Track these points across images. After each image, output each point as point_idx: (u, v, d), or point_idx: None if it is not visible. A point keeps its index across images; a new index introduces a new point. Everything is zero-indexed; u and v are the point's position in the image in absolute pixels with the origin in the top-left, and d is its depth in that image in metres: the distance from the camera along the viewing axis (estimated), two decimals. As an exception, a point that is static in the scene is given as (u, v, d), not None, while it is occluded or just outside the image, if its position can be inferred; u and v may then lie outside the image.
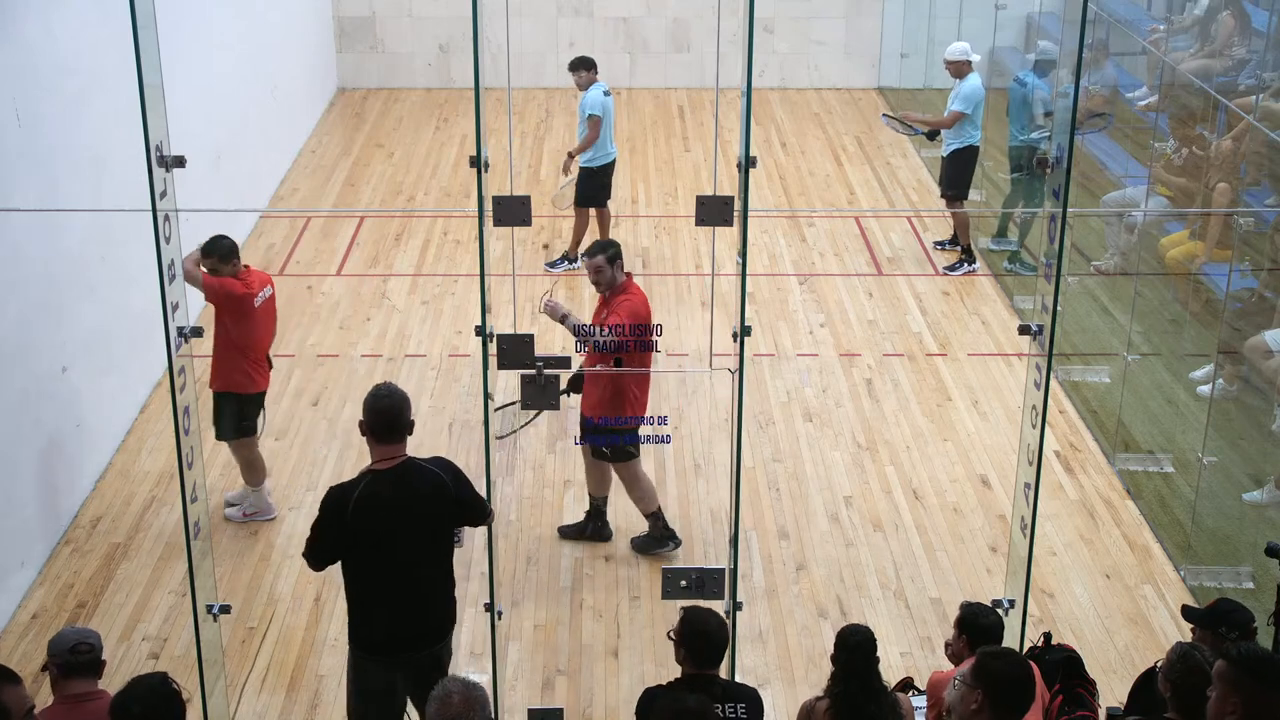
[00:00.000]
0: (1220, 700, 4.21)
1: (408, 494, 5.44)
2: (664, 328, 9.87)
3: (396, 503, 5.42)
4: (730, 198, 5.15)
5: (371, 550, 5.46)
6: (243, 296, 7.88)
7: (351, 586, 5.60)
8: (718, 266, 9.94)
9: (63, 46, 8.29)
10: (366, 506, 5.39)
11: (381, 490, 5.42)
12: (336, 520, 5.43)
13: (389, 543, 5.45)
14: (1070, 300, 10.60)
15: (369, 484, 5.43)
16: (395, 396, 5.51)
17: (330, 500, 5.48)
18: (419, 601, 5.61)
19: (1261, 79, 11.17)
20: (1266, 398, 8.79)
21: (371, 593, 5.57)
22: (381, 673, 5.67)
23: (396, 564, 5.50)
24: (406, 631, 5.62)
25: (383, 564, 5.48)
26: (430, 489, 5.47)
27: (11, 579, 7.53)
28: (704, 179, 13.77)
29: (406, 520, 5.44)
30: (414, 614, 5.63)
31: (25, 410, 7.78)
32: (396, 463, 5.46)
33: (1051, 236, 5.41)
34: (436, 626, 5.74)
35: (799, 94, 16.50)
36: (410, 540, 5.49)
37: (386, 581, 5.53)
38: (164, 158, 5.27)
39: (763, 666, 7.15)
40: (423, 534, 5.52)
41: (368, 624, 5.62)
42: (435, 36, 16.40)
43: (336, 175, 13.85)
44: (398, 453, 5.49)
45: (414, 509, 5.45)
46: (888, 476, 8.78)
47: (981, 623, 5.49)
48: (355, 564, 5.54)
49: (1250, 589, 7.65)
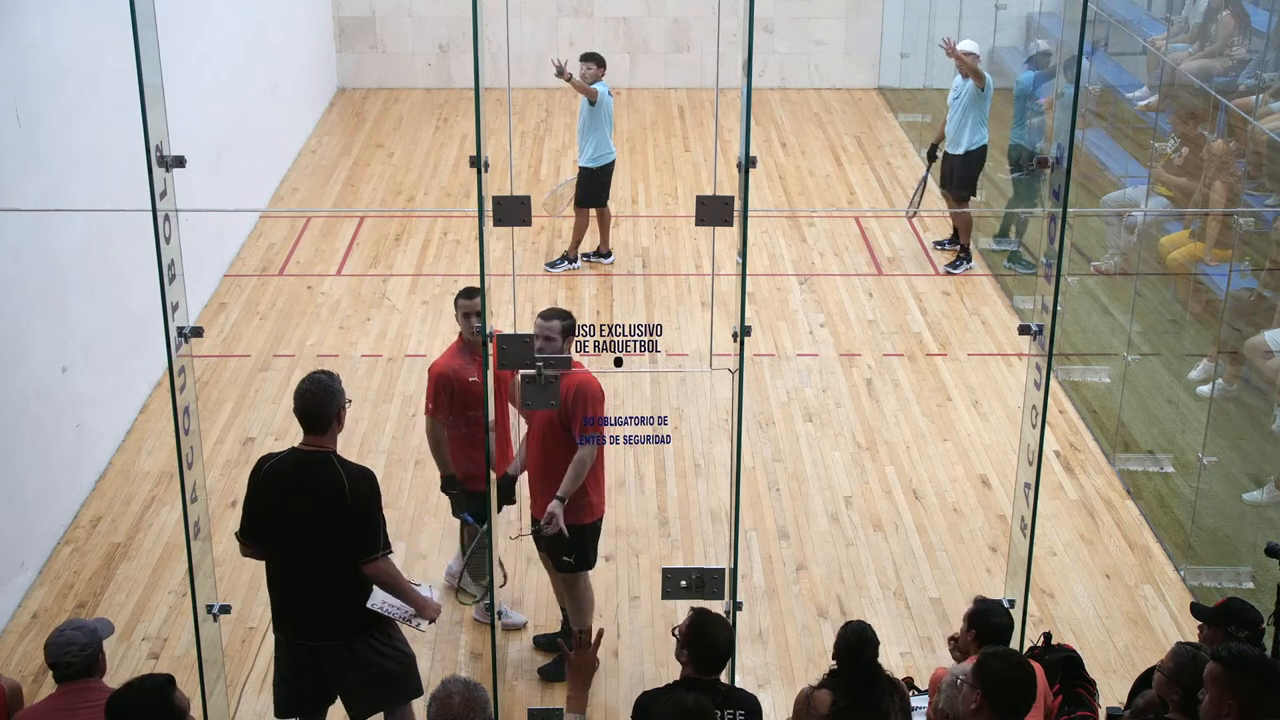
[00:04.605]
0: (1215, 703, 4.20)
1: (307, 481, 5.62)
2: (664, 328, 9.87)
3: (296, 483, 5.64)
4: (730, 198, 5.14)
5: (267, 521, 5.71)
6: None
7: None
8: (718, 266, 9.93)
9: (63, 46, 8.29)
10: (270, 475, 5.68)
11: (289, 467, 5.67)
12: (254, 478, 5.74)
13: (278, 520, 5.68)
14: (1070, 300, 10.60)
15: (282, 459, 5.72)
16: (316, 391, 5.66)
17: (257, 463, 5.81)
18: (299, 588, 5.75)
19: (1261, 79, 11.17)
20: (1266, 398, 8.79)
21: (269, 565, 5.84)
22: (281, 645, 5.92)
23: (280, 544, 5.73)
24: (287, 613, 5.82)
25: (272, 540, 5.74)
26: (325, 485, 5.59)
27: (11, 579, 7.52)
28: (704, 179, 13.77)
29: (294, 505, 5.63)
30: (293, 598, 5.79)
31: (25, 410, 7.78)
32: (313, 450, 5.67)
33: (1051, 236, 5.41)
34: (319, 621, 5.76)
35: (799, 94, 16.50)
36: (294, 526, 5.65)
37: (274, 559, 5.80)
38: (164, 158, 5.27)
39: (763, 666, 7.15)
40: (308, 526, 5.63)
41: (270, 591, 5.90)
42: (435, 36, 16.40)
43: (336, 175, 13.85)
44: (319, 443, 5.68)
45: (305, 498, 5.62)
46: (888, 476, 8.78)
47: (994, 622, 5.47)
48: (261, 531, 5.76)
49: (1250, 589, 7.64)
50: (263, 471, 5.72)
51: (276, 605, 5.85)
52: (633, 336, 6.26)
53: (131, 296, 8.71)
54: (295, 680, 5.91)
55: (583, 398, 6.48)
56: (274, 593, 5.85)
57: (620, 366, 7.43)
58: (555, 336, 6.39)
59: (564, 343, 6.43)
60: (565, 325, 6.47)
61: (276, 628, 5.89)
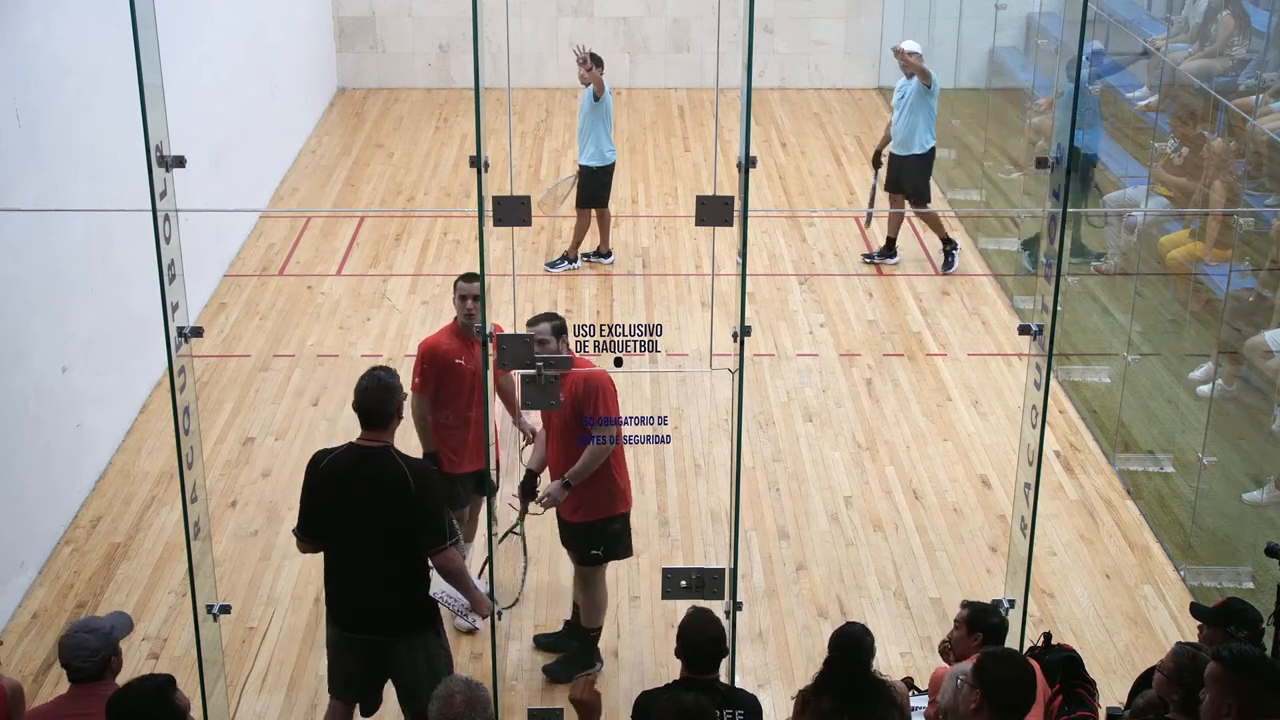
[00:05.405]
0: (1215, 703, 4.20)
1: (369, 475, 5.66)
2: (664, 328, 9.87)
3: (356, 478, 5.67)
4: (730, 198, 5.14)
5: (328, 517, 5.74)
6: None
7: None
8: (718, 266, 9.93)
9: (63, 46, 8.29)
10: (332, 469, 5.71)
11: (349, 462, 5.70)
12: (311, 474, 5.77)
13: (341, 514, 5.70)
14: (1070, 300, 10.60)
15: (343, 453, 5.75)
16: (376, 388, 5.73)
17: (313, 458, 5.83)
18: (358, 582, 5.80)
19: (1261, 79, 11.16)
20: (1266, 398, 8.79)
21: (328, 559, 5.88)
22: (336, 637, 5.97)
23: (345, 538, 5.75)
24: (346, 606, 5.86)
25: (335, 534, 5.77)
26: (391, 480, 5.64)
27: (11, 579, 7.52)
28: (704, 179, 13.77)
29: (359, 499, 5.66)
30: (354, 593, 5.83)
31: (25, 410, 7.78)
32: (374, 445, 5.71)
33: (1051, 236, 5.41)
34: (376, 616, 5.83)
35: (799, 94, 16.50)
36: (359, 520, 5.68)
37: (336, 552, 5.83)
38: (164, 158, 5.27)
39: (763, 666, 7.15)
40: (372, 520, 5.67)
41: (327, 585, 5.93)
42: (435, 36, 16.40)
43: (336, 175, 13.85)
44: (378, 438, 5.73)
45: (369, 492, 5.66)
46: (888, 476, 8.78)
47: (994, 621, 5.50)
48: (320, 526, 5.80)
49: (1250, 589, 7.64)
50: (321, 466, 5.74)
51: (334, 598, 5.90)
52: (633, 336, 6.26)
53: (131, 296, 8.71)
54: (348, 670, 5.99)
55: (592, 393, 6.53)
56: (331, 586, 5.90)
57: (620, 366, 7.44)
58: (548, 338, 6.43)
59: (558, 343, 6.46)
60: (555, 326, 6.52)
61: (331, 619, 5.94)
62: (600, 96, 10.98)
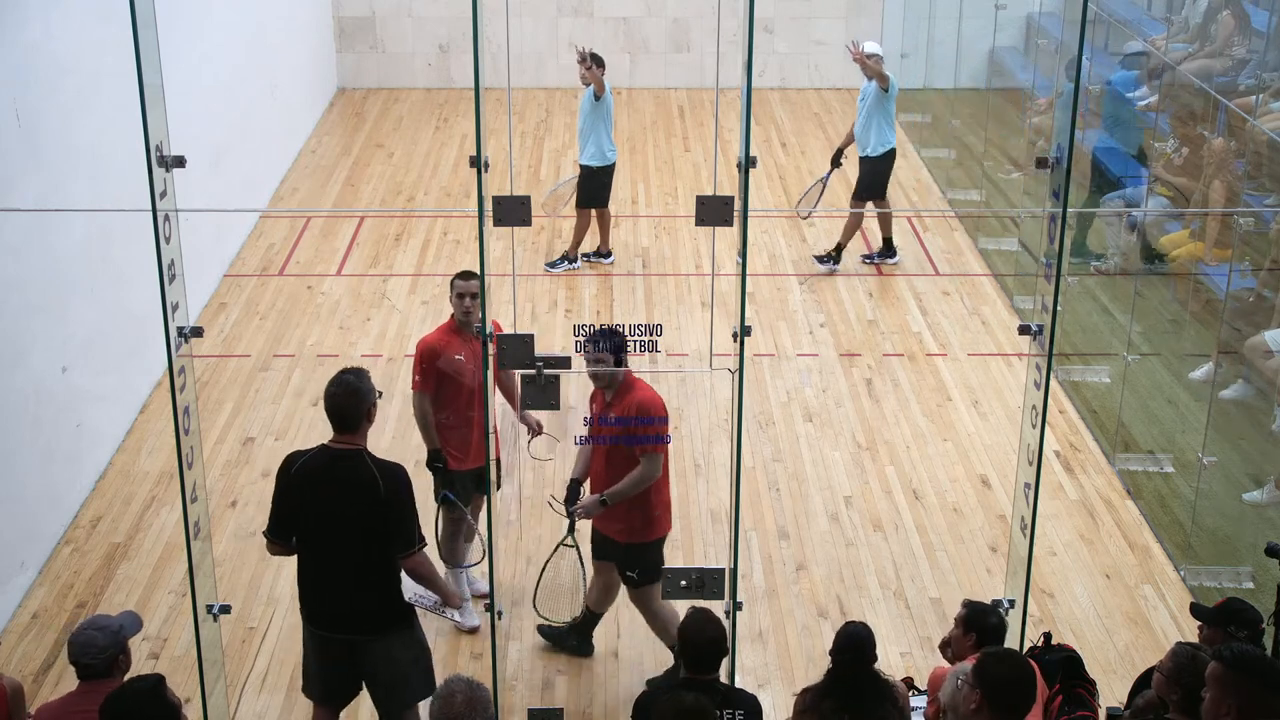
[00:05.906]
0: (1215, 703, 4.20)
1: (341, 478, 5.68)
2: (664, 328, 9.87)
3: (328, 480, 5.69)
4: (730, 198, 5.14)
5: (300, 519, 5.77)
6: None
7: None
8: (718, 266, 9.94)
9: (63, 46, 8.29)
10: (305, 472, 5.72)
11: (321, 464, 5.72)
12: (283, 476, 5.78)
13: (314, 516, 5.73)
14: (1070, 300, 10.60)
15: (315, 456, 5.76)
16: (344, 393, 5.73)
17: (284, 461, 5.83)
18: (333, 584, 5.81)
19: (1261, 79, 11.16)
20: (1266, 398, 8.79)
21: (302, 561, 5.88)
22: (313, 637, 5.98)
23: (318, 540, 5.77)
24: (322, 607, 5.87)
25: (308, 536, 5.79)
26: (362, 482, 5.65)
27: (11, 579, 7.52)
28: (704, 179, 13.77)
29: (331, 502, 5.68)
30: (329, 595, 5.84)
31: (25, 410, 7.78)
32: (345, 448, 5.73)
33: (1051, 236, 5.41)
34: (352, 617, 5.83)
35: (799, 94, 16.50)
36: (331, 523, 5.69)
37: (309, 554, 5.84)
38: (164, 158, 5.27)
39: (763, 666, 7.15)
40: (346, 522, 5.68)
41: (301, 587, 5.93)
42: (435, 36, 16.40)
43: (336, 175, 13.86)
44: (350, 441, 5.74)
45: (341, 494, 5.67)
46: (888, 476, 8.78)
47: (992, 621, 5.49)
48: (293, 528, 5.82)
49: (1250, 589, 7.64)
50: (293, 469, 5.76)
51: (308, 600, 5.90)
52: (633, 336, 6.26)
53: (131, 296, 8.71)
54: (325, 670, 6.01)
55: (645, 417, 6.50)
56: (305, 587, 5.90)
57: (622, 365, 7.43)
58: (606, 357, 6.41)
59: (620, 359, 6.44)
60: (615, 344, 6.47)
61: (307, 620, 5.96)
62: (601, 96, 10.99)
